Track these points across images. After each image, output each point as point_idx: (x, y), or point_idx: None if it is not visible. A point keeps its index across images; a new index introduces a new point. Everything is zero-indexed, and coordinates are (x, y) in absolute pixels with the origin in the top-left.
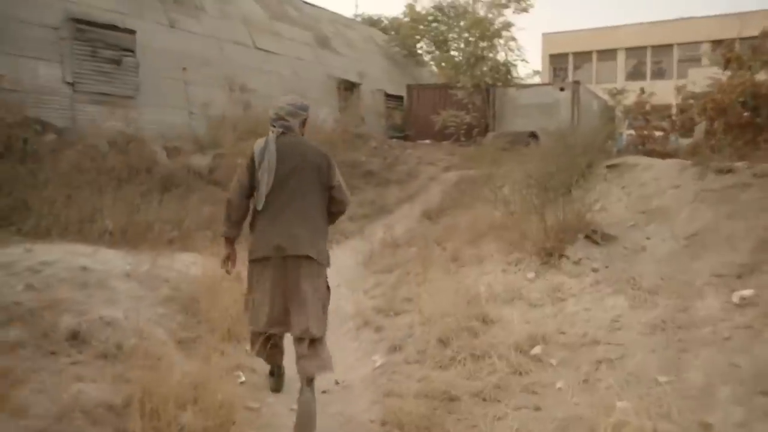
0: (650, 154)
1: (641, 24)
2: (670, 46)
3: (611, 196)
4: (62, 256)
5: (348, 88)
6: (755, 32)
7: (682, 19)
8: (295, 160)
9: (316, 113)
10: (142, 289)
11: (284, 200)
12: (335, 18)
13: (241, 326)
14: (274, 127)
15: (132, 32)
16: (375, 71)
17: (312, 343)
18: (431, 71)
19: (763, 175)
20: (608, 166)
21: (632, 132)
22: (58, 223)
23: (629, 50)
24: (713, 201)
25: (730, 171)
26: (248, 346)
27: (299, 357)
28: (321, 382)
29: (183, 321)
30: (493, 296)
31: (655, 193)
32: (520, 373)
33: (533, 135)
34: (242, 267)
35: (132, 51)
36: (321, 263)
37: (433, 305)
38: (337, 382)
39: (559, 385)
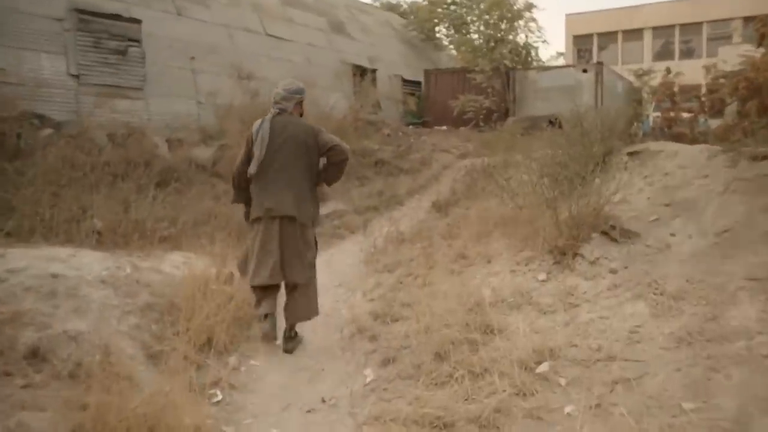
0: (677, 137)
1: (668, 2)
2: (699, 24)
3: (632, 187)
4: (32, 261)
5: (363, 73)
6: None
7: None
8: (284, 135)
9: (327, 100)
10: (117, 297)
11: (274, 169)
12: (351, 3)
13: (225, 334)
14: (273, 108)
15: (137, 21)
16: (391, 56)
17: (296, 289)
18: (450, 55)
19: None
20: (629, 153)
21: (659, 114)
22: (43, 223)
23: (656, 29)
24: (747, 192)
25: (765, 158)
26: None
27: (286, 304)
28: (307, 400)
29: (159, 331)
30: (499, 301)
31: (681, 183)
32: (524, 395)
33: (554, 119)
34: (232, 266)
35: (138, 41)
36: (304, 222)
37: (434, 312)
38: (323, 400)
39: (567, 409)
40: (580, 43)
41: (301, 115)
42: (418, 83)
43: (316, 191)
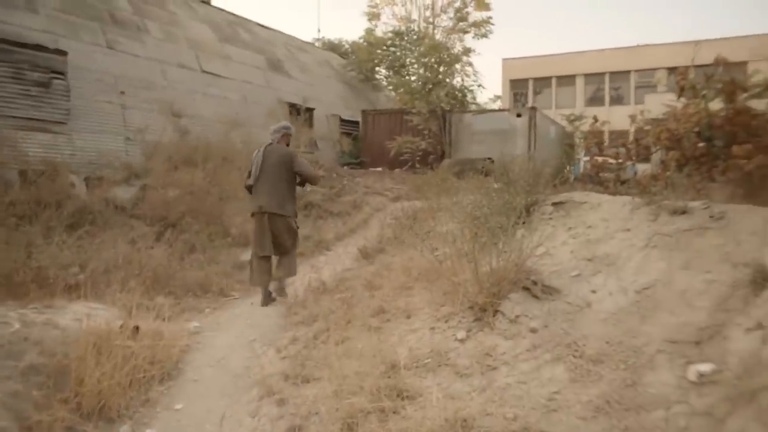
0: (605, 184)
1: (599, 50)
2: (627, 72)
3: (556, 240)
4: None
5: (299, 112)
6: (709, 60)
7: (639, 46)
8: (271, 159)
9: (262, 139)
10: None
11: (264, 181)
12: (289, 41)
13: (121, 398)
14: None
15: (63, 53)
16: (330, 96)
17: (282, 258)
18: (388, 96)
19: (720, 217)
20: (554, 204)
21: (588, 159)
22: None
23: (588, 76)
24: (667, 247)
25: (684, 212)
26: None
27: (277, 266)
28: None
29: (42, 398)
30: (415, 362)
31: (604, 236)
32: None
33: (490, 162)
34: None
35: (63, 73)
36: (286, 216)
37: (346, 374)
38: None
39: None
40: (517, 87)
41: (287, 144)
42: (356, 123)
43: (295, 194)
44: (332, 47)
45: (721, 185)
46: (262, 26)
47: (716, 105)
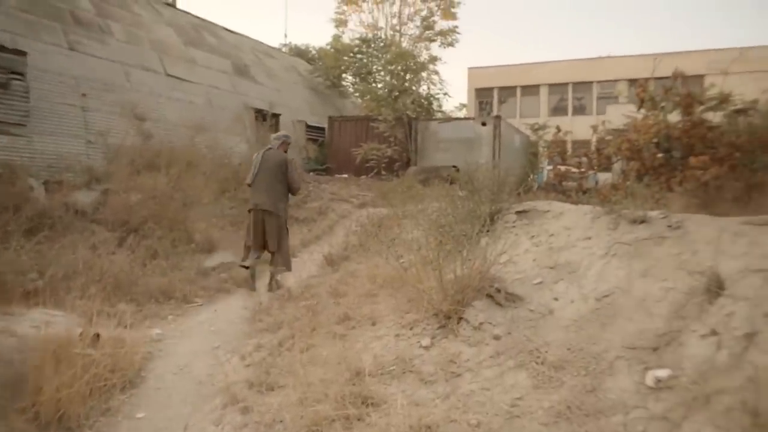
0: (567, 193)
1: (563, 61)
2: (590, 83)
3: (519, 248)
4: None
5: (265, 118)
6: (668, 73)
7: (601, 57)
8: (269, 162)
9: (226, 143)
10: None
11: (261, 181)
12: (256, 46)
13: (81, 407)
14: (270, 145)
15: (23, 54)
16: (296, 101)
17: (275, 253)
18: (354, 103)
19: (677, 226)
20: (518, 212)
21: (552, 168)
22: None
23: (551, 86)
24: (626, 256)
25: (643, 221)
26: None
27: (270, 261)
28: None
29: None
30: (381, 369)
31: (566, 245)
32: None
33: (455, 170)
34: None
35: (22, 74)
36: (278, 214)
37: (312, 380)
38: None
39: None
40: (482, 96)
41: (285, 150)
42: (323, 129)
43: (287, 196)
44: (299, 53)
45: (678, 195)
46: (229, 30)
47: (675, 117)
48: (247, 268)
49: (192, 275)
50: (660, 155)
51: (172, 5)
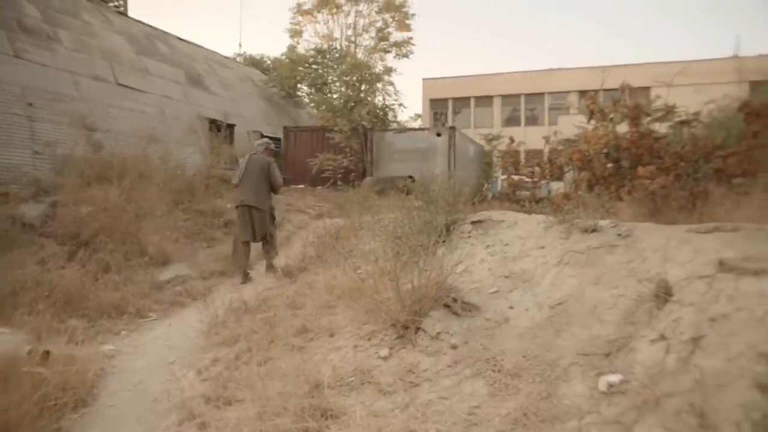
0: (521, 202)
1: (515, 73)
2: (542, 94)
3: (475, 257)
4: None
5: (220, 128)
6: (617, 84)
7: (553, 69)
8: (253, 165)
9: (180, 154)
10: None
11: (247, 181)
12: (210, 56)
13: (29, 429)
14: (254, 150)
15: None
16: (251, 112)
17: (265, 244)
18: (310, 113)
19: (627, 234)
20: (473, 222)
21: (506, 177)
22: None
23: (505, 97)
24: (578, 264)
25: (594, 230)
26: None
27: (263, 252)
28: None
29: None
30: (339, 380)
31: (520, 254)
32: None
33: (411, 180)
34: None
35: None
36: (263, 209)
37: (271, 394)
38: None
39: None
40: (437, 107)
41: (268, 155)
42: (278, 140)
43: (270, 194)
44: (254, 63)
45: (628, 204)
46: (182, 40)
47: (623, 128)
48: (244, 274)
49: (146, 289)
50: (609, 165)
51: (123, 14)
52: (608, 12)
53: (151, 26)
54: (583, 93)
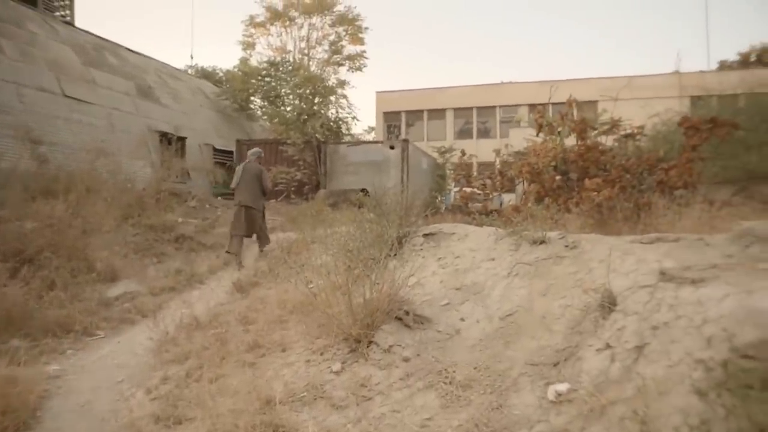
0: (473, 215)
1: (467, 86)
2: (493, 107)
3: (426, 270)
4: None
5: (171, 142)
6: (566, 98)
7: (503, 83)
8: (249, 172)
9: (129, 168)
10: None
11: (244, 185)
12: (161, 68)
13: None
14: (248, 159)
15: None
16: (203, 124)
17: (258, 236)
18: (263, 126)
19: (574, 246)
20: (425, 235)
21: (458, 190)
22: None
23: (457, 110)
24: (528, 276)
25: (543, 242)
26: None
27: (257, 242)
28: None
29: None
30: (291, 396)
31: (471, 266)
32: None
33: (365, 192)
34: None
35: None
36: (257, 208)
37: (222, 411)
38: None
39: None
40: (390, 120)
41: (260, 163)
42: (230, 153)
43: (263, 195)
44: (206, 75)
45: (575, 215)
46: (132, 51)
47: (571, 141)
48: (238, 262)
49: (93, 306)
50: (558, 178)
51: (70, 23)
52: (558, 27)
53: (99, 37)
54: (532, 107)
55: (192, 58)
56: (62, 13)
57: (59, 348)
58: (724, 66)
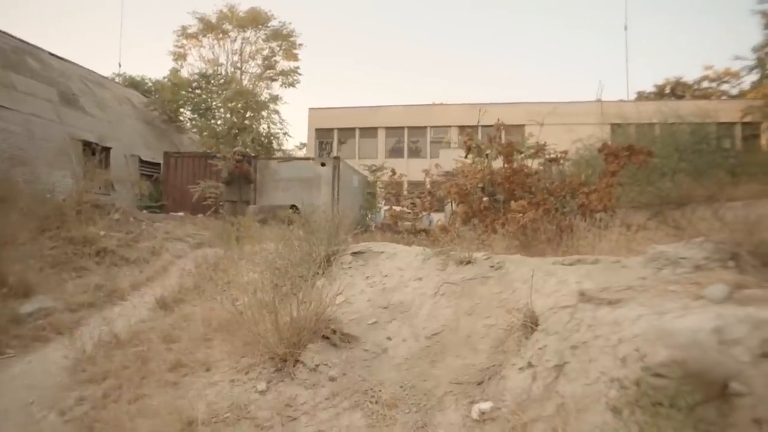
0: (402, 233)
1: (399, 106)
2: (424, 128)
3: (354, 288)
4: None
5: (95, 152)
6: (494, 121)
7: (435, 104)
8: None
9: (49, 178)
10: None
11: (235, 183)
12: (87, 75)
13: None
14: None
15: None
16: (130, 135)
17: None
18: (192, 139)
19: (499, 266)
20: (354, 253)
21: (388, 208)
22: None
23: (389, 129)
24: (454, 295)
25: (469, 262)
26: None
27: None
28: None
29: None
30: (214, 417)
31: (398, 285)
32: None
33: (294, 208)
34: None
35: None
36: (242, 202)
37: None
38: None
39: None
40: (322, 137)
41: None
42: (158, 165)
43: (250, 190)
44: (134, 84)
45: (501, 236)
46: (55, 56)
47: (498, 163)
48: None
49: (3, 323)
50: (485, 199)
51: None
52: (490, 51)
53: (19, 39)
54: (462, 128)
55: (120, 66)
56: None
57: None
58: (641, 96)
